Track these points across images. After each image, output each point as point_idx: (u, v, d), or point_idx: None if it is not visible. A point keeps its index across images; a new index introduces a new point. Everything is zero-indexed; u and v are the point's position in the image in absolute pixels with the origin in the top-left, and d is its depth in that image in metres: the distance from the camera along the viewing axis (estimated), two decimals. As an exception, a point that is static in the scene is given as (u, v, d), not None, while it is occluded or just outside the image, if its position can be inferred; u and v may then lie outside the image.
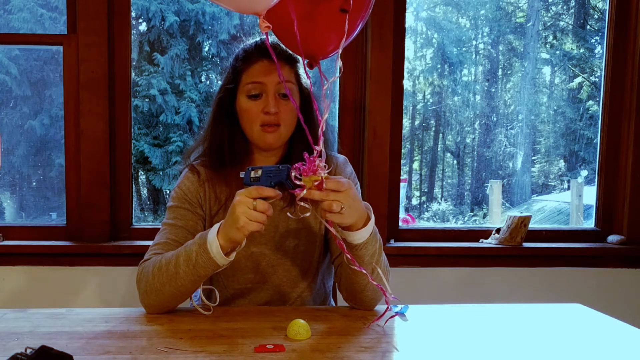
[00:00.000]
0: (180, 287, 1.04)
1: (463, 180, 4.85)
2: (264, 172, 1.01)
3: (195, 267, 1.02)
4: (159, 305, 1.09)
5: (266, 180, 1.00)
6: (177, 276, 1.03)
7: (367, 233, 1.03)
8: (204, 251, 1.00)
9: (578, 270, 2.00)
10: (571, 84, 4.35)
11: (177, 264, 1.03)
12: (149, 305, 1.10)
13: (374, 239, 1.06)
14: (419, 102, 4.75)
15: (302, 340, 0.94)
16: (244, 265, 1.22)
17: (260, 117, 1.16)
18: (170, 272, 1.04)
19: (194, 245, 1.03)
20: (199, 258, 1.01)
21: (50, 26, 3.99)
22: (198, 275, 1.03)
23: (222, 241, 0.99)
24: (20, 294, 1.84)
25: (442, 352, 0.91)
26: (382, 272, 1.06)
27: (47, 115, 3.80)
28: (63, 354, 0.79)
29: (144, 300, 1.10)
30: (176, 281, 1.04)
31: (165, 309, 1.10)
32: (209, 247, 1.00)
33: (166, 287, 1.05)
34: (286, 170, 0.97)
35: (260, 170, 1.01)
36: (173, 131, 4.41)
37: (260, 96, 1.17)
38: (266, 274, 1.22)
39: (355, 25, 1.08)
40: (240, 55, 1.21)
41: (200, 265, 1.01)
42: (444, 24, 4.65)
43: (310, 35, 1.05)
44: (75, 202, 1.87)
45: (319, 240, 1.25)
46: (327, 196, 0.95)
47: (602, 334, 1.03)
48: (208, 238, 1.00)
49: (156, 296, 1.07)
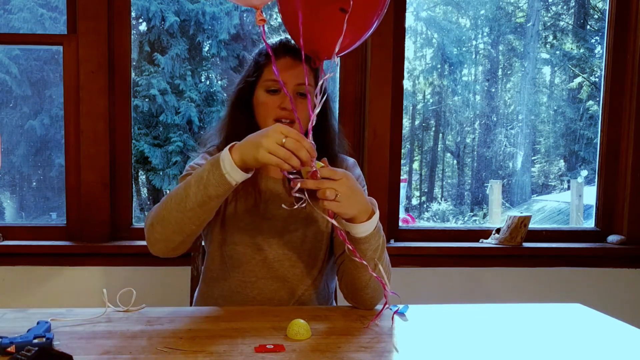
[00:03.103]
0: (187, 211, 0.99)
1: (463, 180, 4.86)
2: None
3: (206, 186, 0.97)
4: (164, 237, 1.04)
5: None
6: (187, 198, 0.99)
7: (371, 227, 1.04)
8: (216, 168, 0.97)
9: (578, 270, 2.00)
10: (571, 84, 4.35)
11: (187, 186, 1.00)
12: (153, 240, 1.05)
13: (377, 234, 1.06)
14: (419, 102, 4.76)
15: (302, 340, 0.94)
16: (250, 257, 1.21)
17: (276, 111, 1.17)
18: (179, 195, 1.00)
19: (206, 164, 1.00)
20: (210, 175, 0.97)
21: (50, 26, 4.00)
22: (208, 195, 0.98)
23: (235, 157, 0.96)
24: (20, 294, 1.84)
25: (442, 352, 0.91)
26: (383, 269, 1.06)
27: (47, 115, 3.81)
28: (63, 354, 0.79)
29: (149, 235, 1.06)
30: (185, 204, 0.99)
31: (171, 245, 1.05)
32: (221, 163, 0.97)
33: (173, 213, 1.00)
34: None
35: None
36: (173, 131, 4.41)
37: (279, 92, 1.18)
38: (272, 268, 1.22)
39: (369, 23, 1.07)
40: (264, 51, 1.22)
41: (211, 183, 0.97)
42: (444, 24, 4.65)
43: (316, 33, 1.05)
44: (75, 202, 1.87)
45: (326, 239, 1.25)
46: (321, 184, 0.96)
47: (602, 334, 1.03)
48: (221, 154, 0.98)
49: (161, 226, 1.02)
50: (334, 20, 1.00)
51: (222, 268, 1.25)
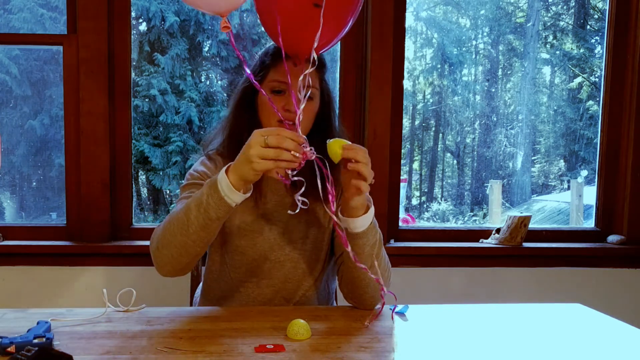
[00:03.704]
0: (191, 234, 1.01)
1: (463, 180, 4.86)
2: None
3: (207, 210, 0.99)
4: (171, 260, 1.05)
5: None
6: (188, 222, 1.00)
7: (367, 221, 1.06)
8: (214, 191, 0.98)
9: (578, 270, 2.00)
10: (571, 84, 4.35)
11: (188, 210, 1.01)
12: (161, 263, 1.07)
13: (374, 229, 1.09)
14: (419, 102, 4.75)
15: (302, 340, 0.94)
16: (251, 258, 1.22)
17: (280, 112, 1.17)
18: (180, 220, 1.02)
19: (204, 188, 1.01)
20: (209, 199, 0.99)
21: (50, 26, 4.00)
22: (209, 218, 0.99)
23: (232, 178, 0.97)
24: (20, 294, 1.84)
25: (442, 352, 0.91)
26: (381, 266, 1.08)
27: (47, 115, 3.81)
28: (63, 354, 0.79)
29: (156, 258, 1.07)
30: (187, 228, 1.01)
31: (179, 267, 1.07)
32: (219, 186, 0.98)
33: (177, 237, 1.02)
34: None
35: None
36: (173, 131, 4.41)
37: (283, 92, 1.18)
38: (273, 268, 1.22)
39: (344, 21, 1.07)
40: (270, 51, 1.22)
41: (210, 206, 0.98)
42: (444, 24, 4.65)
43: (293, 32, 1.04)
44: (75, 202, 1.87)
45: (327, 239, 1.25)
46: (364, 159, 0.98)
47: (602, 334, 1.03)
48: (218, 177, 0.99)
49: (167, 249, 1.04)
50: (310, 18, 0.99)
51: (223, 269, 1.25)
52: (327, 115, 1.23)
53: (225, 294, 1.25)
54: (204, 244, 1.04)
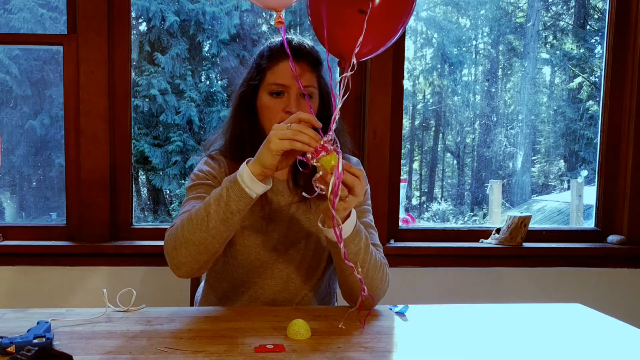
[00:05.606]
0: (211, 229, 1.00)
1: (463, 180, 4.86)
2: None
3: (227, 203, 0.99)
4: (189, 259, 1.04)
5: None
6: (208, 217, 1.00)
7: (346, 232, 1.03)
8: (234, 184, 0.99)
9: (578, 270, 2.00)
10: (571, 84, 4.35)
11: (207, 205, 1.01)
12: (178, 263, 1.05)
13: (357, 237, 1.05)
14: (419, 102, 4.76)
15: (302, 340, 0.94)
16: (253, 259, 1.21)
17: (280, 114, 1.17)
18: (199, 216, 1.01)
19: (224, 183, 1.01)
20: (230, 192, 0.99)
21: (51, 26, 4.00)
22: (229, 211, 0.99)
23: (252, 168, 0.98)
24: (20, 294, 1.84)
25: (442, 352, 0.91)
26: (364, 273, 1.05)
27: (47, 115, 3.81)
28: (63, 354, 0.79)
29: (173, 259, 1.05)
30: (207, 223, 1.00)
31: (196, 265, 1.05)
32: (239, 178, 0.98)
33: (196, 234, 1.01)
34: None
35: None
36: (173, 131, 4.41)
37: (282, 95, 1.18)
38: (276, 268, 1.22)
39: (394, 29, 1.07)
40: (265, 53, 1.21)
41: (231, 199, 0.99)
42: (444, 24, 4.65)
43: (339, 35, 1.04)
44: (75, 202, 1.87)
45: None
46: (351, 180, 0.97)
47: (602, 334, 1.03)
48: (239, 170, 0.99)
49: (186, 248, 1.02)
50: (355, 23, 0.99)
51: (225, 269, 1.25)
52: (329, 112, 1.22)
53: (228, 293, 1.25)
54: (223, 240, 1.04)
